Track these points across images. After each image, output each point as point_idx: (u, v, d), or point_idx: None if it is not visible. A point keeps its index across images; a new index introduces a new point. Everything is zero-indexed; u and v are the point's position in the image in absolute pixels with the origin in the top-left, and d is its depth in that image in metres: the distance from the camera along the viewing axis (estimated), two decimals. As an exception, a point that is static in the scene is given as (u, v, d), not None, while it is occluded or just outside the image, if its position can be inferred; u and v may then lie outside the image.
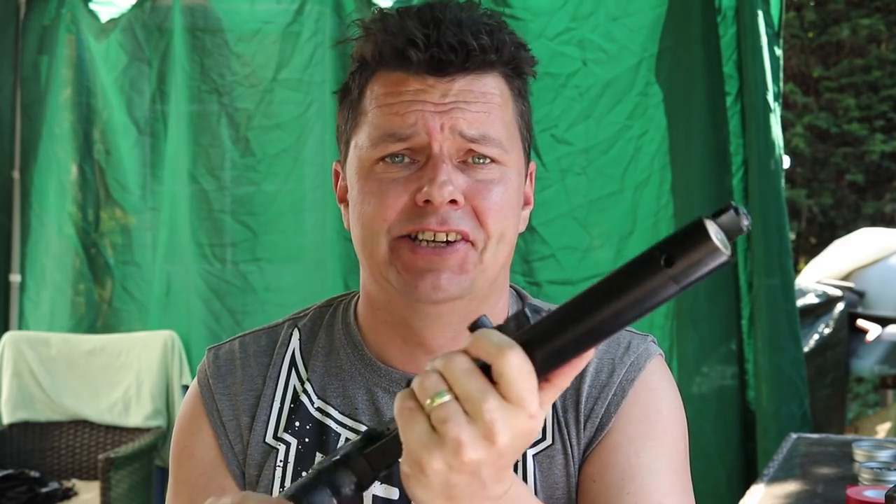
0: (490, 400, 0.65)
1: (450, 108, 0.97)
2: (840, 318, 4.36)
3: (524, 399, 0.65)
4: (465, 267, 0.97)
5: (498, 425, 0.65)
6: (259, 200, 3.82)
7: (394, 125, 0.97)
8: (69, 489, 3.72)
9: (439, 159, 0.96)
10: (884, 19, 9.23)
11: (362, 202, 0.99)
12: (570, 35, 3.39)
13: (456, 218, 0.96)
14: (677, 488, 1.00)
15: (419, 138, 0.96)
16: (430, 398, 0.66)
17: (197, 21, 3.86)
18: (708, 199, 3.36)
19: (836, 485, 2.05)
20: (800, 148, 8.88)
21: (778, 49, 3.27)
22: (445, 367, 0.66)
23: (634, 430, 1.01)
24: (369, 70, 1.01)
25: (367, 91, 1.01)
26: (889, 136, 9.01)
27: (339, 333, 1.10)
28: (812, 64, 9.41)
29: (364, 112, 1.01)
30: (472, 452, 0.65)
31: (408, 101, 0.97)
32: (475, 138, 0.97)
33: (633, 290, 0.64)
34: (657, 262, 0.63)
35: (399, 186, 0.97)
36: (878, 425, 4.63)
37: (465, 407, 0.65)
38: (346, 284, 3.60)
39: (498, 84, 1.00)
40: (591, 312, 0.66)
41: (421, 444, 0.66)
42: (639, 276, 0.64)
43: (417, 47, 0.96)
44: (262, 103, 3.81)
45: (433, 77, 0.97)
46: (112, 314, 4.01)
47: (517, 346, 0.65)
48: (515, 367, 0.65)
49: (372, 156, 0.98)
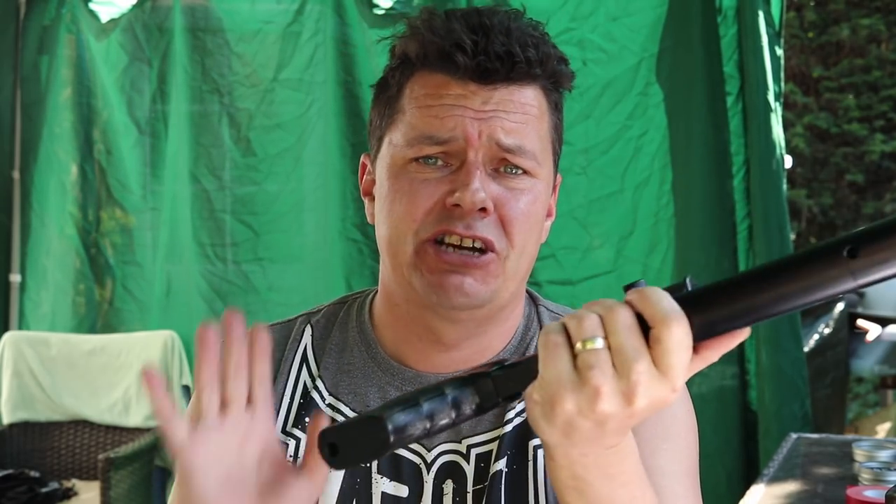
0: (642, 362, 0.64)
1: (489, 116, 0.97)
2: (840, 318, 4.36)
3: (673, 371, 0.65)
4: (489, 278, 0.97)
5: (641, 388, 0.64)
6: (261, 200, 3.83)
7: (432, 128, 0.97)
8: (69, 489, 3.72)
9: (474, 166, 0.96)
10: (884, 19, 9.23)
11: (392, 200, 0.99)
12: (570, 35, 3.39)
13: (482, 226, 0.96)
14: (690, 491, 1.01)
15: (456, 143, 0.96)
16: (583, 340, 0.66)
17: (197, 21, 3.86)
18: (708, 199, 3.36)
19: (836, 485, 2.05)
20: (800, 148, 8.87)
21: (779, 49, 3.27)
22: (608, 315, 0.66)
23: (650, 431, 1.00)
24: (411, 69, 1.01)
25: (407, 89, 1.01)
26: (889, 136, 9.01)
27: (353, 331, 1.11)
28: (812, 64, 9.41)
29: (401, 110, 1.01)
30: (607, 405, 0.65)
31: (448, 105, 0.97)
32: (511, 148, 0.97)
33: (806, 276, 0.61)
34: (839, 252, 0.60)
35: (430, 187, 0.97)
36: (878, 425, 4.63)
37: (615, 360, 0.65)
38: (349, 285, 3.60)
39: (537, 96, 1.00)
40: (757, 290, 0.63)
41: (559, 382, 0.66)
42: (816, 262, 0.61)
43: (465, 53, 0.96)
44: (263, 103, 3.81)
45: (476, 84, 0.97)
46: (112, 314, 4.01)
47: (684, 318, 0.64)
48: (676, 339, 0.64)
49: (406, 155, 0.98)
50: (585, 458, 0.72)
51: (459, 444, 1.03)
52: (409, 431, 0.70)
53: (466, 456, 1.03)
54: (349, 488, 1.03)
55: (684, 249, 3.36)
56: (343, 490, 1.03)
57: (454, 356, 1.05)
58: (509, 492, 1.01)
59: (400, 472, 1.03)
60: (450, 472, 1.03)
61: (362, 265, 3.64)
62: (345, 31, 3.70)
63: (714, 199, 3.35)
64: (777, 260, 0.63)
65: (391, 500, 1.03)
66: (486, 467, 1.03)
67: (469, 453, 1.03)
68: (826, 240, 0.62)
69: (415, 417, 0.70)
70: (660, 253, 3.38)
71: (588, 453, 0.71)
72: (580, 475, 0.73)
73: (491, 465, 1.02)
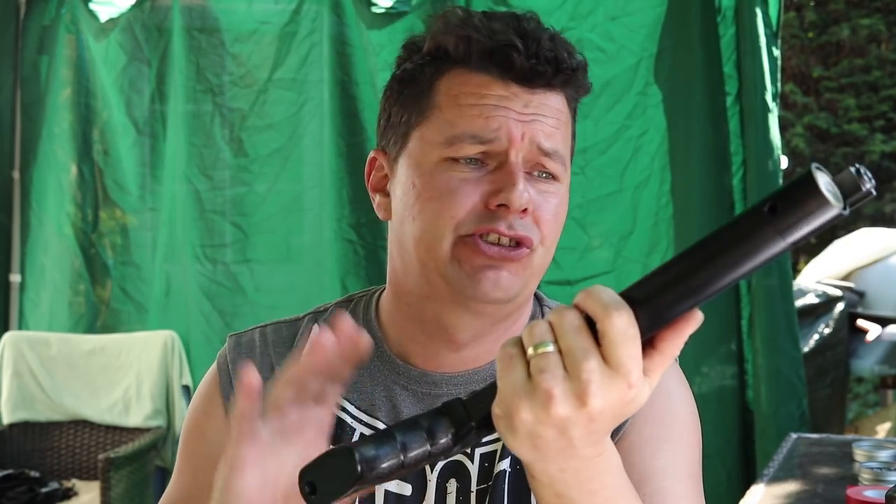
0: (591, 360, 0.63)
1: (531, 120, 0.98)
2: (840, 318, 4.36)
3: (623, 365, 0.63)
4: (521, 271, 0.98)
5: (593, 388, 0.63)
6: (250, 201, 3.82)
7: (476, 127, 0.97)
8: (69, 489, 3.72)
9: (517, 167, 0.96)
10: (884, 19, 9.23)
11: (428, 198, 0.99)
12: (569, 34, 3.36)
13: (522, 225, 0.97)
14: (693, 492, 1.01)
15: (499, 144, 0.97)
16: (534, 346, 0.65)
17: (195, 21, 3.86)
18: (708, 199, 3.36)
19: (836, 485, 2.05)
20: (800, 148, 8.87)
21: (776, 49, 3.27)
22: (556, 318, 0.66)
23: (651, 432, 1.01)
24: (445, 65, 1.01)
25: (440, 86, 1.00)
26: (889, 136, 9.01)
27: None
28: (812, 64, 9.40)
29: (436, 106, 1.00)
30: (560, 408, 0.64)
31: (492, 106, 0.97)
32: (549, 152, 0.98)
33: (736, 244, 0.61)
34: (761, 213, 0.59)
35: (471, 186, 0.97)
36: (878, 425, 4.62)
37: (565, 362, 0.64)
38: (344, 285, 3.59)
39: (564, 103, 1.02)
40: (692, 269, 0.63)
41: (513, 391, 0.66)
42: (742, 228, 0.60)
43: (519, 54, 0.97)
44: (257, 103, 3.80)
45: (518, 86, 0.98)
46: (111, 314, 4.01)
47: (625, 308, 0.63)
48: (619, 329, 0.63)
49: (444, 153, 0.98)
50: (564, 475, 0.71)
51: None
52: (381, 463, 0.69)
53: (471, 455, 1.04)
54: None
55: (684, 249, 3.36)
56: None
57: (463, 355, 1.05)
58: (513, 492, 1.01)
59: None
60: (454, 472, 1.03)
61: (357, 265, 3.63)
62: (342, 31, 3.70)
63: (713, 198, 3.35)
64: (709, 234, 0.62)
65: (395, 498, 1.03)
66: (491, 467, 1.03)
67: (473, 453, 1.04)
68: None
69: (387, 450, 0.69)
70: (659, 253, 3.38)
71: (566, 468, 0.70)
72: (562, 492, 0.72)
73: (495, 465, 1.03)
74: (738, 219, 0.61)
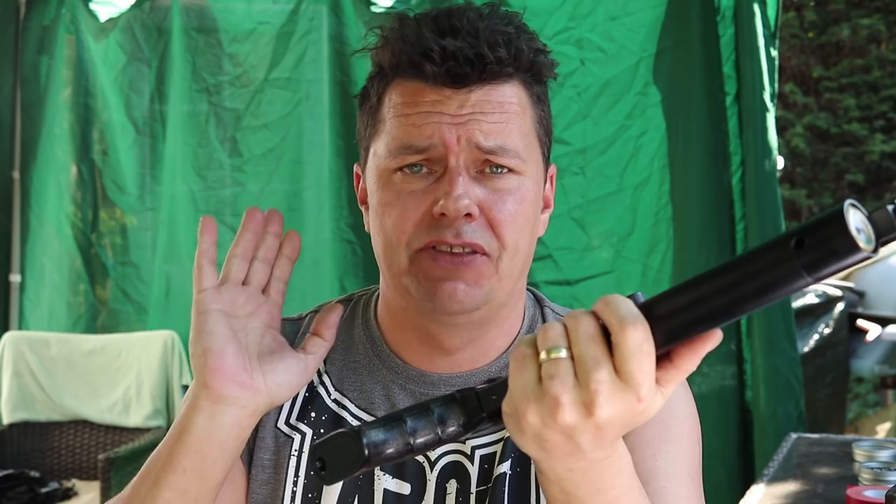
0: (602, 371, 0.63)
1: (466, 120, 0.96)
2: (840, 318, 4.36)
3: (634, 378, 0.63)
4: (481, 280, 0.97)
5: (601, 398, 0.63)
6: (243, 201, 3.82)
7: (411, 137, 0.96)
8: (69, 489, 3.72)
9: (455, 172, 0.95)
10: (884, 19, 9.23)
11: (382, 213, 0.99)
12: (569, 34, 3.39)
13: (471, 231, 0.95)
14: (693, 493, 1.01)
15: (436, 150, 0.96)
16: (548, 350, 0.65)
17: (193, 21, 3.86)
18: (707, 199, 3.36)
19: (836, 485, 2.05)
20: (800, 148, 8.87)
21: (774, 50, 3.27)
22: (571, 324, 0.65)
23: (651, 432, 1.00)
24: (387, 78, 1.01)
25: (385, 98, 1.00)
26: (889, 136, 9.01)
27: (359, 329, 1.11)
28: (812, 64, 9.40)
29: (382, 120, 1.00)
30: (567, 416, 0.64)
31: (424, 113, 0.96)
32: (492, 150, 0.96)
33: (759, 274, 0.60)
34: (788, 246, 0.58)
35: (417, 199, 0.96)
36: (878, 425, 4.63)
37: (577, 369, 0.64)
38: (342, 285, 3.59)
39: (516, 92, 0.99)
40: (714, 293, 0.62)
41: (523, 393, 0.66)
42: (767, 259, 0.60)
43: (433, 60, 0.95)
44: (253, 103, 3.80)
45: (450, 88, 0.96)
46: (110, 315, 4.01)
47: (642, 322, 0.63)
48: (634, 343, 0.63)
49: (390, 166, 0.98)
50: (572, 474, 0.71)
51: (464, 445, 1.04)
52: (387, 447, 0.70)
53: (471, 457, 1.04)
54: (351, 483, 1.04)
55: (683, 250, 3.36)
56: (345, 485, 1.04)
57: (457, 358, 1.05)
58: (512, 494, 1.01)
59: (403, 469, 1.04)
60: (454, 472, 1.03)
61: (356, 266, 3.63)
62: (341, 31, 3.70)
63: (713, 198, 3.35)
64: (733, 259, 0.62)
65: (393, 497, 1.03)
66: (490, 469, 1.03)
67: (473, 454, 1.04)
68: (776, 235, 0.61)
69: (396, 433, 0.71)
70: (659, 253, 3.38)
71: (574, 468, 0.70)
72: (569, 490, 0.72)
73: (495, 468, 1.03)
74: (765, 247, 0.61)
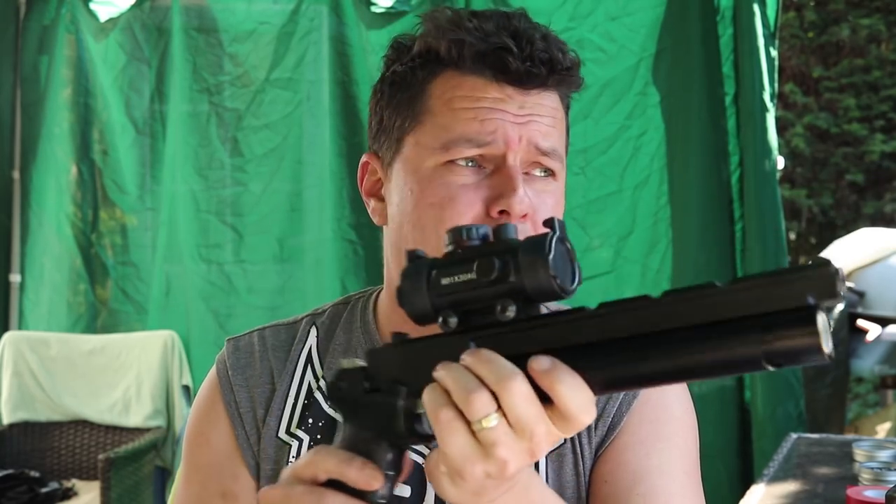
0: (542, 425, 0.65)
1: (527, 121, 0.97)
2: (840, 318, 4.35)
3: (577, 421, 0.65)
4: None
5: (543, 446, 0.66)
6: (245, 201, 3.82)
7: (471, 131, 0.96)
8: (69, 489, 3.72)
9: (515, 171, 0.96)
10: (884, 19, 9.22)
11: (426, 205, 0.97)
12: (569, 34, 3.39)
13: (522, 231, 0.95)
14: (688, 490, 1.01)
15: (495, 147, 0.96)
16: (479, 420, 0.65)
17: (193, 21, 3.86)
18: (707, 199, 3.36)
19: (836, 485, 2.05)
20: (800, 148, 8.86)
21: (774, 50, 3.26)
22: (502, 390, 0.65)
23: (646, 431, 1.01)
24: (437, 67, 0.99)
25: (433, 89, 0.99)
26: (889, 136, 9.00)
27: (357, 332, 1.10)
28: (812, 64, 9.39)
29: (429, 111, 0.99)
30: (515, 467, 0.66)
31: (487, 109, 0.96)
32: (547, 151, 0.98)
33: (718, 349, 0.59)
34: (755, 331, 0.57)
35: (470, 193, 0.96)
36: (878, 425, 4.62)
37: (514, 428, 0.65)
38: (343, 285, 3.59)
39: (557, 101, 1.02)
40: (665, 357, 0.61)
41: (464, 456, 0.66)
42: (728, 339, 0.58)
43: (514, 57, 0.95)
44: (254, 103, 3.80)
45: (513, 88, 0.97)
46: (110, 315, 4.01)
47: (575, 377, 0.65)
48: (576, 405, 0.65)
49: (440, 158, 0.97)
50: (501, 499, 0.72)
51: None
52: None
53: None
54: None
55: (683, 250, 3.36)
56: None
57: None
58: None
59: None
60: None
61: (357, 266, 3.63)
62: (342, 31, 3.70)
63: (712, 198, 3.35)
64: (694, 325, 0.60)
65: (394, 499, 1.03)
66: None
67: None
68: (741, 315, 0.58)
69: None
70: (659, 253, 3.38)
71: (494, 499, 0.71)
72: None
73: None
74: (728, 328, 0.59)
